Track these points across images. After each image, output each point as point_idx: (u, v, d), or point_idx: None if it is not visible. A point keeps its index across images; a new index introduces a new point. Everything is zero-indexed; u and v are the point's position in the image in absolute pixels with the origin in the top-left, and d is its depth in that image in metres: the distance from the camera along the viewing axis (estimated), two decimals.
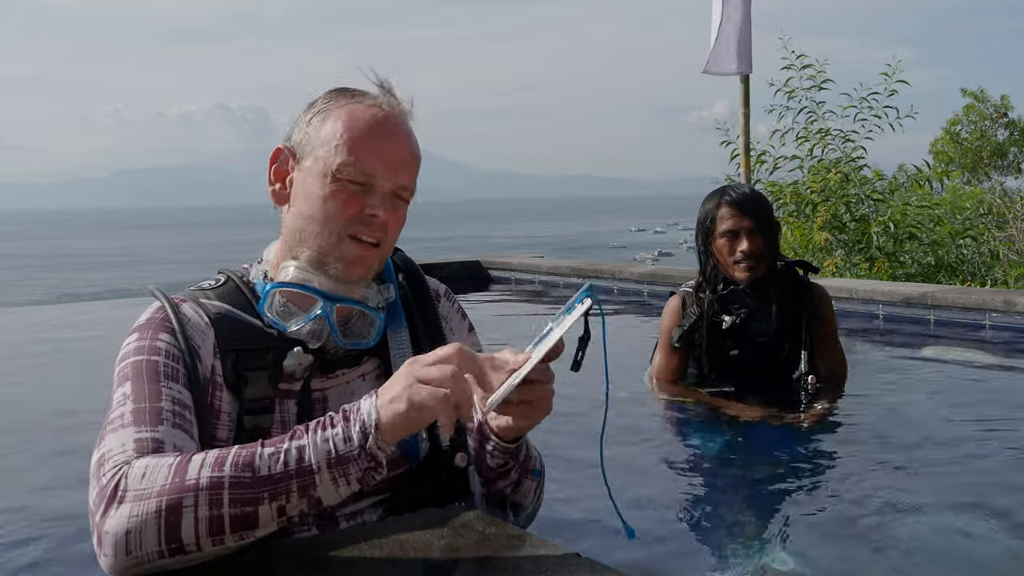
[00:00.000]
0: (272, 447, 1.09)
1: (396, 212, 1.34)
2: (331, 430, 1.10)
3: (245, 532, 1.07)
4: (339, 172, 1.30)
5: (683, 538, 2.07)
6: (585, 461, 2.57)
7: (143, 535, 1.04)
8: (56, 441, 3.02)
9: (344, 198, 1.31)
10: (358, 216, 1.31)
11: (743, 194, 3.08)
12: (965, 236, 8.28)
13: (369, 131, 1.32)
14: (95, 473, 1.12)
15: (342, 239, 1.31)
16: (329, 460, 1.08)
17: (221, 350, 1.30)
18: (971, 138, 18.24)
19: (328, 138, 1.32)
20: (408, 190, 1.36)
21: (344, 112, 1.33)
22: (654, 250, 31.79)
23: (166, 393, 1.22)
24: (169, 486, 1.06)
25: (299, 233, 1.34)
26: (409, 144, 1.36)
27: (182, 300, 1.34)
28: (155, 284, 1.39)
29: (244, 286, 1.39)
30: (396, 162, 1.33)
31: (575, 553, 1.11)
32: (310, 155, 1.33)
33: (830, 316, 3.18)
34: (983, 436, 2.87)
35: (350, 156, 1.30)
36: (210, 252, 33.22)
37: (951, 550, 1.97)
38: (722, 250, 3.04)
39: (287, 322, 1.33)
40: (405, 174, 1.35)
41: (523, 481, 1.41)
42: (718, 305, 3.09)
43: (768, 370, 3.11)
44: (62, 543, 2.01)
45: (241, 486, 1.06)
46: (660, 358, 3.24)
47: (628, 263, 8.92)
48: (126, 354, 1.28)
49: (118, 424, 1.17)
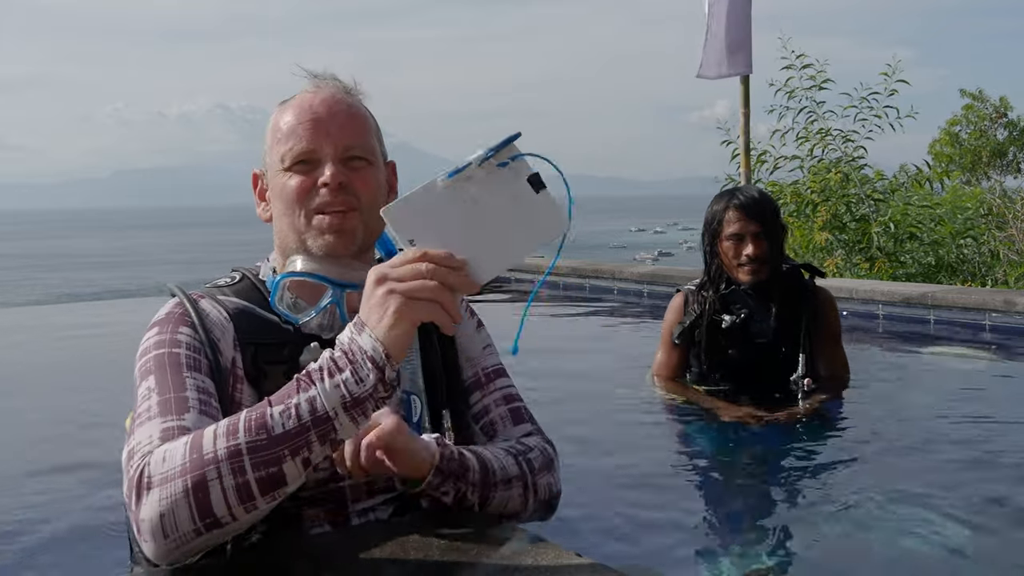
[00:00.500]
0: (281, 404, 1.09)
1: (357, 173, 1.37)
2: (340, 375, 1.09)
3: (276, 492, 1.09)
4: (284, 161, 1.36)
5: (683, 538, 2.07)
6: (585, 462, 2.57)
7: (176, 516, 1.06)
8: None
9: (298, 179, 1.35)
10: (313, 190, 1.35)
11: (751, 197, 3.11)
12: (965, 236, 8.28)
13: (299, 113, 1.37)
14: (125, 467, 1.15)
15: (309, 216, 1.35)
16: (344, 404, 1.08)
17: (241, 343, 1.33)
18: (970, 138, 18.24)
19: (270, 141, 1.40)
20: (360, 148, 1.38)
21: (275, 117, 1.42)
22: (654, 250, 31.79)
23: (190, 382, 1.24)
24: (189, 464, 1.07)
25: (281, 232, 1.39)
26: (344, 108, 1.39)
27: (200, 296, 1.37)
28: (174, 282, 1.42)
29: (259, 283, 1.42)
30: (332, 128, 1.36)
31: (575, 553, 1.11)
32: (268, 166, 1.42)
33: (833, 320, 3.20)
34: (983, 436, 2.86)
35: (287, 143, 1.36)
36: (208, 252, 33.25)
37: (950, 550, 1.97)
38: (727, 252, 3.08)
39: (298, 315, 1.35)
40: (347, 135, 1.37)
41: (490, 496, 1.33)
42: (719, 304, 3.12)
43: (766, 371, 3.13)
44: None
45: (260, 449, 1.07)
46: (661, 354, 3.29)
47: (628, 263, 8.92)
48: (146, 349, 1.30)
49: (145, 418, 1.19)
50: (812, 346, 3.12)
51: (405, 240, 1.09)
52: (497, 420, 1.48)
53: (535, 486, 1.38)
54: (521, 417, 1.50)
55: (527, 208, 1.08)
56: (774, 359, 3.12)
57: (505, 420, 1.48)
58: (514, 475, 1.35)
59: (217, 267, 1.50)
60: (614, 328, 5.82)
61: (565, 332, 5.66)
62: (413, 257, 1.07)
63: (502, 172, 1.08)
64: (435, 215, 1.08)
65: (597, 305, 6.62)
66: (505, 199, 1.08)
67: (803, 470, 2.57)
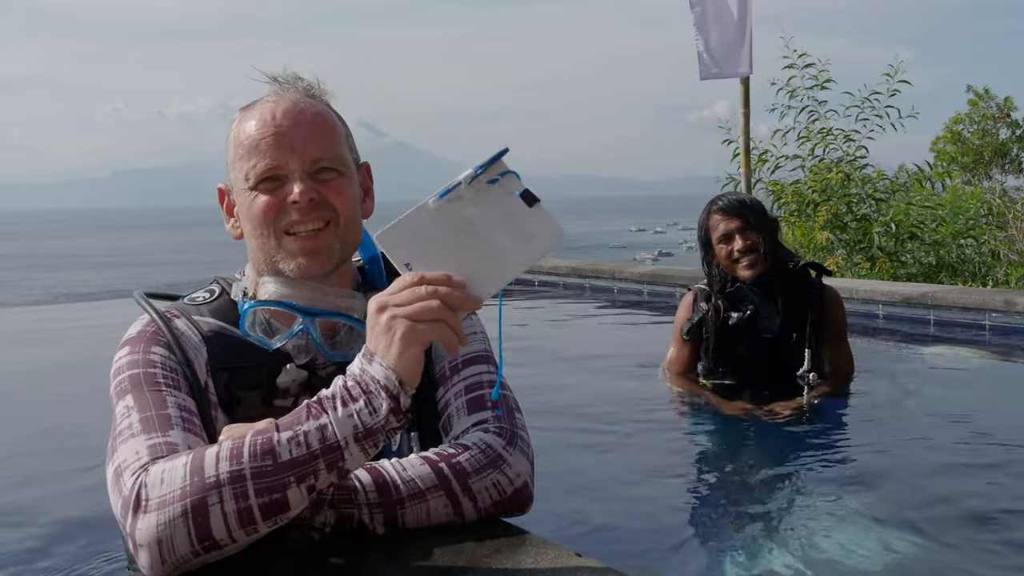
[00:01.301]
0: (289, 431, 1.07)
1: (328, 186, 1.30)
2: (353, 405, 1.06)
3: (278, 517, 1.07)
4: (249, 179, 1.29)
5: (683, 538, 2.07)
6: (584, 462, 2.57)
7: (174, 541, 1.04)
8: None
9: (265, 199, 1.29)
10: (282, 209, 1.28)
11: (728, 200, 3.26)
12: (966, 236, 8.28)
13: (260, 128, 1.29)
14: (114, 485, 1.11)
15: (280, 238, 1.29)
16: (356, 434, 1.06)
17: (213, 369, 1.29)
18: (973, 137, 18.24)
19: (232, 158, 1.32)
20: (329, 159, 1.30)
21: (234, 129, 1.33)
22: (654, 250, 31.78)
23: (171, 400, 1.20)
24: (190, 487, 1.05)
25: (252, 253, 1.33)
26: (306, 118, 1.30)
27: (174, 315, 1.32)
28: (139, 292, 1.35)
29: (234, 301, 1.37)
30: (297, 141, 1.28)
31: (575, 553, 1.10)
32: (233, 181, 1.34)
33: (840, 317, 3.30)
34: (982, 436, 2.86)
35: (250, 161, 1.29)
36: (207, 252, 33.19)
37: (948, 549, 1.96)
38: (721, 254, 3.20)
39: (271, 338, 1.31)
40: (314, 147, 1.29)
41: (398, 514, 1.18)
42: (726, 303, 3.22)
43: (772, 366, 3.22)
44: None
45: (265, 475, 1.05)
46: (672, 350, 3.42)
47: (628, 263, 8.92)
48: (119, 368, 1.25)
49: (127, 435, 1.15)
50: (818, 342, 3.20)
51: (401, 264, 1.07)
52: (453, 413, 1.33)
53: (470, 490, 1.20)
54: (479, 405, 1.32)
55: (522, 222, 1.07)
56: (780, 355, 3.20)
57: (461, 412, 1.32)
58: (429, 486, 1.18)
59: (216, 267, 1.47)
60: (614, 328, 5.82)
61: (565, 332, 5.66)
62: (411, 281, 1.05)
63: (492, 189, 1.07)
64: (429, 237, 1.06)
65: (597, 305, 6.62)
66: (498, 215, 1.07)
67: (804, 471, 2.57)
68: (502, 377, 1.30)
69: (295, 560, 1.12)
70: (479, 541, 1.15)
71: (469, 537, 1.16)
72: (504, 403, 1.33)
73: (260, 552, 1.10)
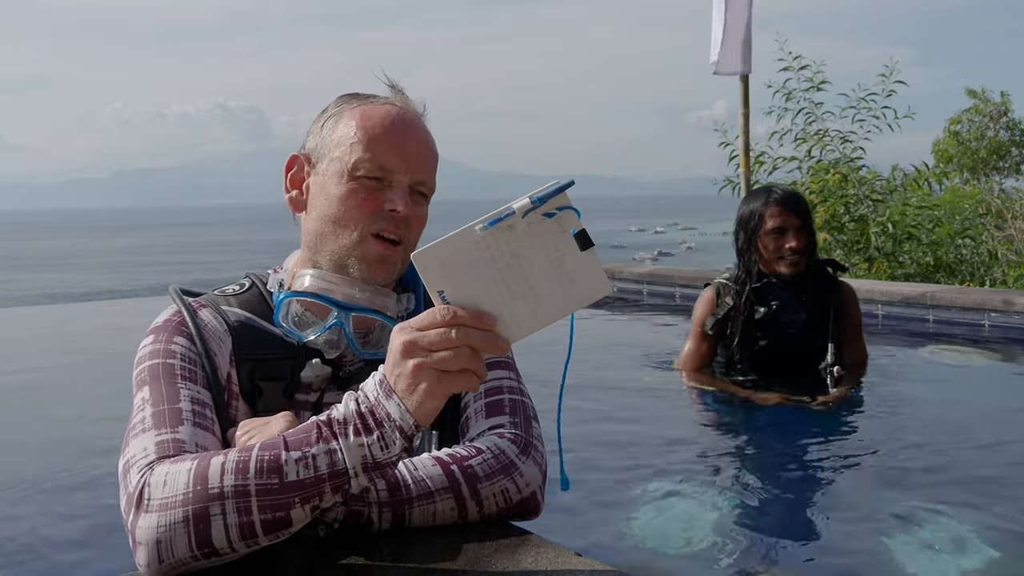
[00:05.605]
0: (297, 451, 1.05)
1: (416, 209, 1.32)
2: (365, 436, 1.04)
3: (280, 532, 1.07)
4: (356, 169, 1.29)
5: (684, 538, 2.07)
6: (583, 462, 2.57)
7: (174, 544, 1.04)
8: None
9: (363, 195, 1.29)
10: (378, 212, 1.29)
11: (789, 193, 3.26)
12: (964, 236, 8.28)
13: (384, 127, 1.31)
14: (122, 480, 1.13)
15: (364, 238, 1.29)
16: (366, 465, 1.05)
17: (237, 358, 1.30)
18: (970, 136, 18.25)
19: (343, 138, 1.31)
20: (427, 185, 1.34)
21: (358, 112, 1.33)
22: (654, 250, 31.74)
23: (184, 393, 1.21)
24: (192, 495, 1.05)
25: (319, 237, 1.32)
26: (425, 138, 1.34)
27: (201, 305, 1.33)
28: (174, 285, 1.37)
29: (267, 293, 1.38)
30: (413, 156, 1.31)
31: (575, 553, 1.11)
32: (325, 157, 1.33)
33: (856, 312, 3.38)
34: (982, 436, 2.87)
35: (366, 152, 1.29)
36: (204, 252, 33.14)
37: (947, 549, 1.97)
38: (768, 246, 3.21)
39: (304, 331, 1.31)
40: (423, 168, 1.32)
41: (406, 513, 1.19)
42: (754, 297, 3.26)
43: (796, 360, 3.28)
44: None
45: (269, 492, 1.05)
46: (690, 345, 3.42)
47: (628, 263, 8.94)
48: (141, 358, 1.27)
49: (139, 429, 1.17)
50: (839, 336, 3.27)
51: (434, 291, 0.99)
52: (471, 415, 1.34)
53: (478, 495, 1.20)
54: (498, 409, 1.32)
55: (568, 266, 0.98)
56: (804, 348, 3.27)
57: (478, 414, 1.33)
58: (439, 487, 1.19)
59: (212, 268, 1.47)
60: (614, 327, 5.82)
61: (565, 332, 5.65)
62: (442, 321, 0.99)
63: (547, 223, 0.97)
64: (468, 266, 0.97)
65: (596, 304, 6.62)
66: (546, 254, 0.97)
67: (804, 471, 2.57)
68: (522, 385, 1.34)
69: (299, 554, 1.13)
70: (481, 541, 1.15)
71: (471, 536, 1.16)
72: (522, 410, 1.33)
73: (265, 546, 1.11)
